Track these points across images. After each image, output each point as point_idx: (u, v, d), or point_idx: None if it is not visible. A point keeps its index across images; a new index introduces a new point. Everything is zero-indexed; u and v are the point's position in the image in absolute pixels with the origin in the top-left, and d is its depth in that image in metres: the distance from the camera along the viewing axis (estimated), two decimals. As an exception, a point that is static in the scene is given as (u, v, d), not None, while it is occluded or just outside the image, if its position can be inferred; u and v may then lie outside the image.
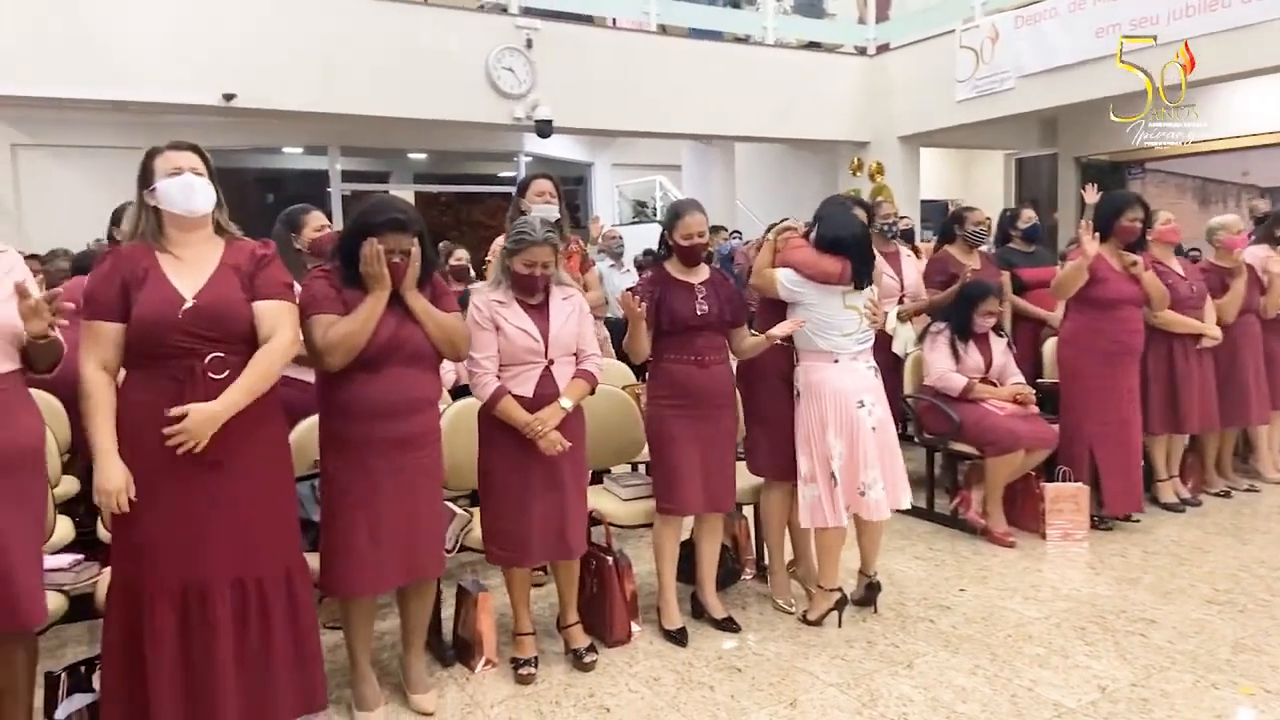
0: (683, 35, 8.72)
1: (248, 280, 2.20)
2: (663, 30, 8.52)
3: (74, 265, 4.73)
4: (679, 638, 3.04)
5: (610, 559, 3.04)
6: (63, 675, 2.31)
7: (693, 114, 8.55)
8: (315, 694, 2.32)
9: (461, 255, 5.31)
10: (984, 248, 4.86)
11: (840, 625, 3.15)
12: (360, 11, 6.88)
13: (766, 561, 3.49)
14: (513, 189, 3.57)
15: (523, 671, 2.80)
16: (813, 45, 9.58)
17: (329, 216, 8.53)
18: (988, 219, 4.90)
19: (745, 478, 3.33)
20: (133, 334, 2.11)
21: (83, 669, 2.35)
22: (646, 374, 3.15)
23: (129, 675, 2.13)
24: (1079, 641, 3.02)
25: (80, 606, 2.48)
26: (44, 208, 8.18)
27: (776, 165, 10.73)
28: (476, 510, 3.04)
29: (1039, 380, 4.64)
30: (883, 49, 9.55)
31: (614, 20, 8.59)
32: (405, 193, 11.66)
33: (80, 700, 2.26)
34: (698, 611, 3.22)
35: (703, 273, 3.09)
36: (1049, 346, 4.73)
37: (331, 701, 2.64)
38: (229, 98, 6.31)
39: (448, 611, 3.06)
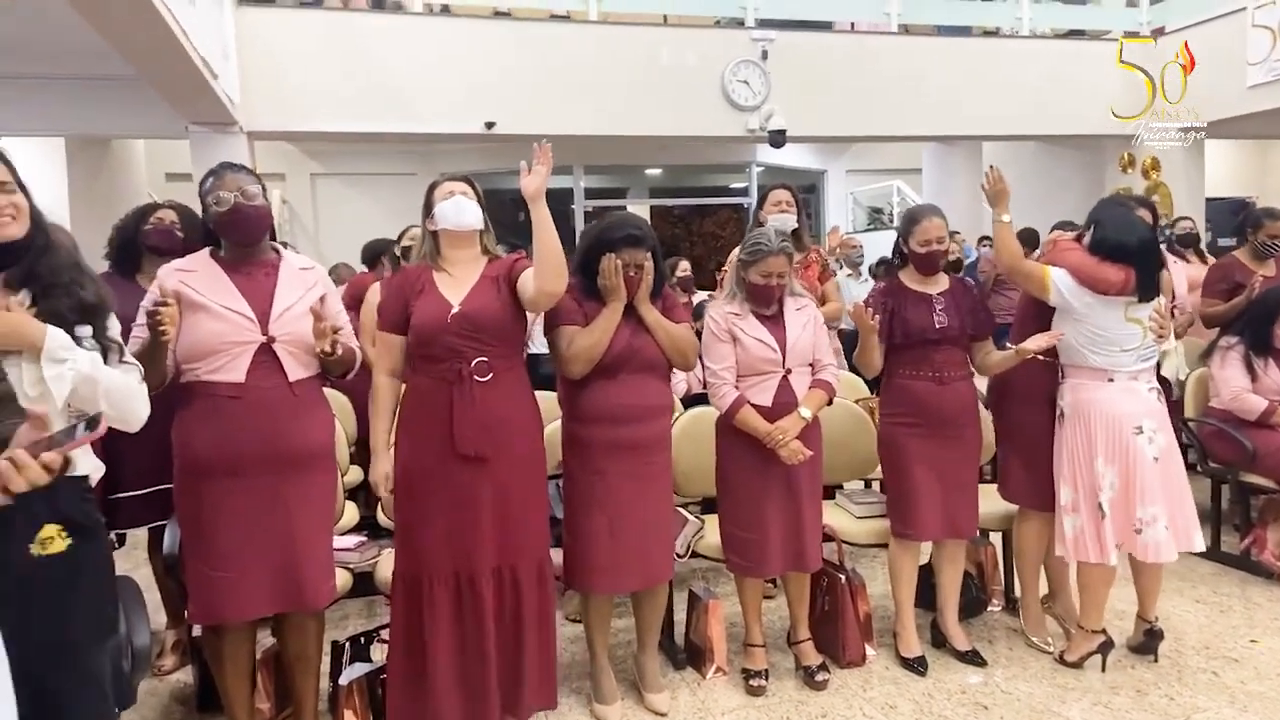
0: (928, 33, 8.34)
1: (506, 286, 2.39)
2: (905, 30, 8.21)
3: (366, 256, 5.22)
4: (918, 666, 2.90)
5: (843, 577, 2.96)
6: (346, 645, 2.60)
7: (934, 115, 8.14)
8: (548, 688, 2.48)
9: (685, 267, 5.41)
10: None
11: (1104, 670, 2.85)
12: (604, 37, 7.23)
13: (1018, 594, 3.23)
14: (743, 200, 3.58)
15: (754, 683, 2.80)
16: (1074, 33, 8.80)
17: (573, 232, 8.97)
18: None
19: (995, 503, 3.11)
20: (411, 339, 2.37)
21: (362, 639, 2.64)
22: (880, 388, 3.03)
23: (411, 653, 2.37)
24: None
25: (362, 583, 2.79)
26: (336, 228, 9.34)
27: (1030, 165, 9.94)
28: (708, 518, 3.09)
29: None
30: (1158, 32, 8.59)
31: (852, 24, 8.39)
32: (641, 207, 12.08)
33: (361, 669, 2.53)
34: (938, 641, 3.05)
35: (942, 282, 2.92)
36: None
37: (571, 693, 2.79)
38: (489, 125, 6.87)
39: (680, 615, 3.11)
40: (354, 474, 3.72)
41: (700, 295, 5.11)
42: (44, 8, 3.94)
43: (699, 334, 2.76)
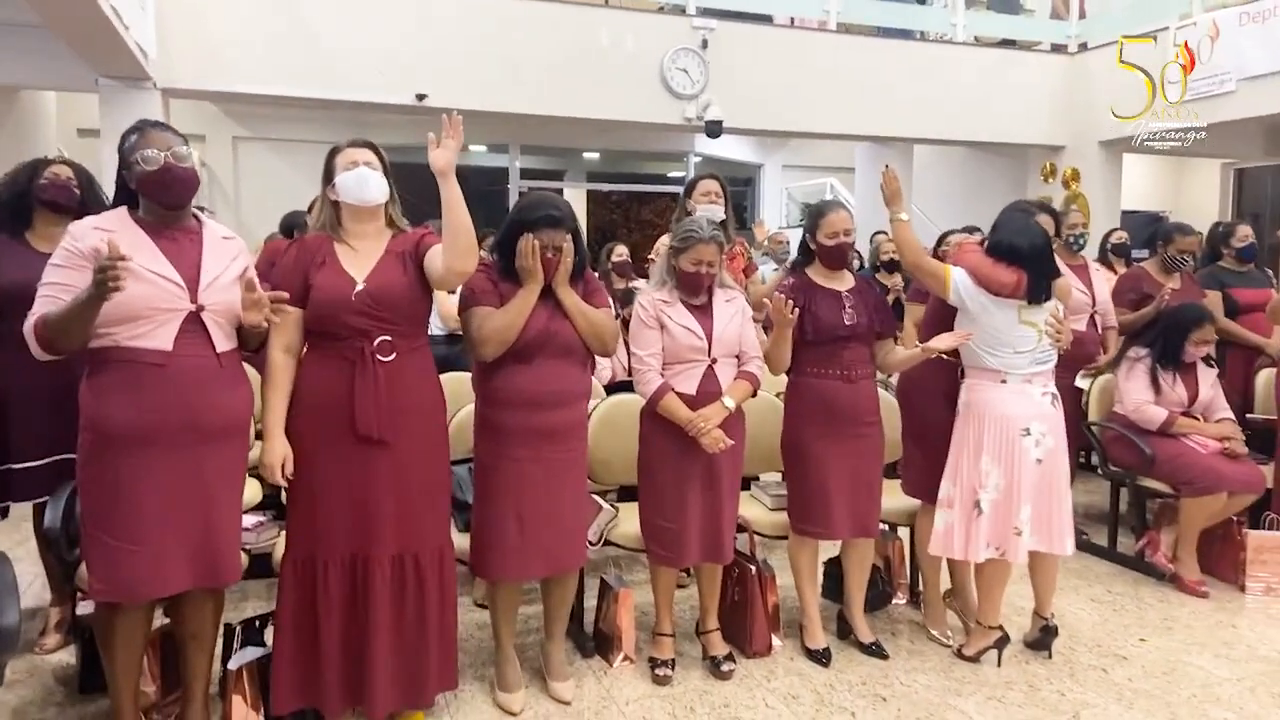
0: (867, 34, 8.44)
1: (413, 263, 2.32)
2: (844, 29, 8.28)
3: (282, 226, 5.07)
4: (821, 657, 2.94)
5: (754, 568, 2.98)
6: (239, 628, 2.51)
7: (870, 114, 8.25)
8: (449, 671, 2.44)
9: (622, 251, 5.37)
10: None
11: (999, 665, 2.94)
12: (543, 15, 7.10)
13: (921, 588, 3.31)
14: (681, 189, 3.57)
15: (660, 672, 2.80)
16: (1006, 43, 9.02)
17: (507, 212, 8.80)
18: (1197, 245, 4.41)
19: (903, 498, 3.17)
20: (310, 315, 2.28)
21: (256, 623, 2.55)
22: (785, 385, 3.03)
23: (299, 637, 2.30)
24: (1276, 709, 2.68)
25: (258, 564, 2.69)
26: (258, 195, 9.00)
27: (959, 169, 10.19)
28: (624, 506, 3.07)
29: (1249, 415, 4.15)
30: (1083, 47, 8.87)
31: (792, 19, 8.44)
32: (578, 191, 11.97)
33: (252, 653, 2.44)
34: (844, 632, 3.10)
35: (848, 280, 2.95)
36: (1264, 377, 4.22)
37: (474, 679, 2.75)
38: (421, 98, 6.69)
39: (590, 603, 3.10)
40: (256, 449, 3.59)
41: (639, 282, 5.08)
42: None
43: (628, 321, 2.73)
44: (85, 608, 2.51)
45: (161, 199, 2.15)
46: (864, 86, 8.06)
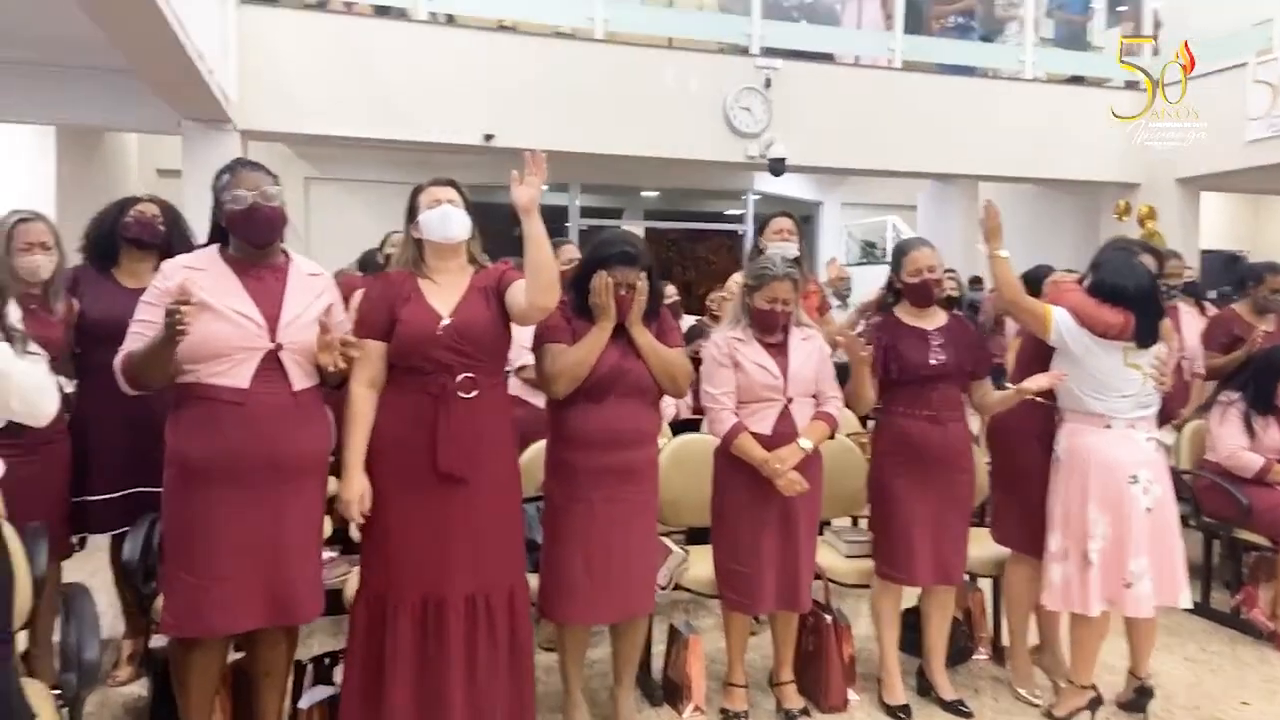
0: (931, 71, 8.38)
1: (495, 298, 2.31)
2: (908, 67, 8.24)
3: (360, 262, 5.15)
4: (901, 714, 2.81)
5: (829, 618, 2.87)
6: (309, 666, 2.49)
7: (933, 152, 8.15)
8: (526, 713, 2.36)
9: (672, 292, 5.33)
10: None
11: (1092, 727, 2.77)
12: (608, 55, 7.20)
13: (1005, 642, 3.15)
14: (738, 227, 3.52)
15: (732, 725, 2.70)
16: (1075, 80, 8.87)
17: (565, 249, 8.76)
18: None
19: (986, 547, 3.04)
20: (395, 350, 2.27)
21: (326, 660, 2.52)
22: (873, 425, 2.95)
23: (368, 677, 2.26)
24: None
25: (328, 600, 2.67)
26: (328, 234, 9.22)
27: (1026, 208, 9.97)
28: (693, 549, 3.00)
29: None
30: (1156, 84, 8.67)
31: (856, 57, 8.42)
32: (636, 228, 12.00)
33: (322, 692, 2.42)
34: (923, 689, 2.96)
35: (938, 318, 2.86)
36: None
37: (542, 725, 2.68)
38: (488, 138, 6.81)
39: (659, 648, 3.01)
40: (332, 485, 3.61)
41: (688, 320, 5.04)
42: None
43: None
44: (159, 641, 2.51)
45: (248, 237, 2.18)
46: (928, 124, 7.98)
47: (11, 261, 2.58)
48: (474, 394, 2.24)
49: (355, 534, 2.80)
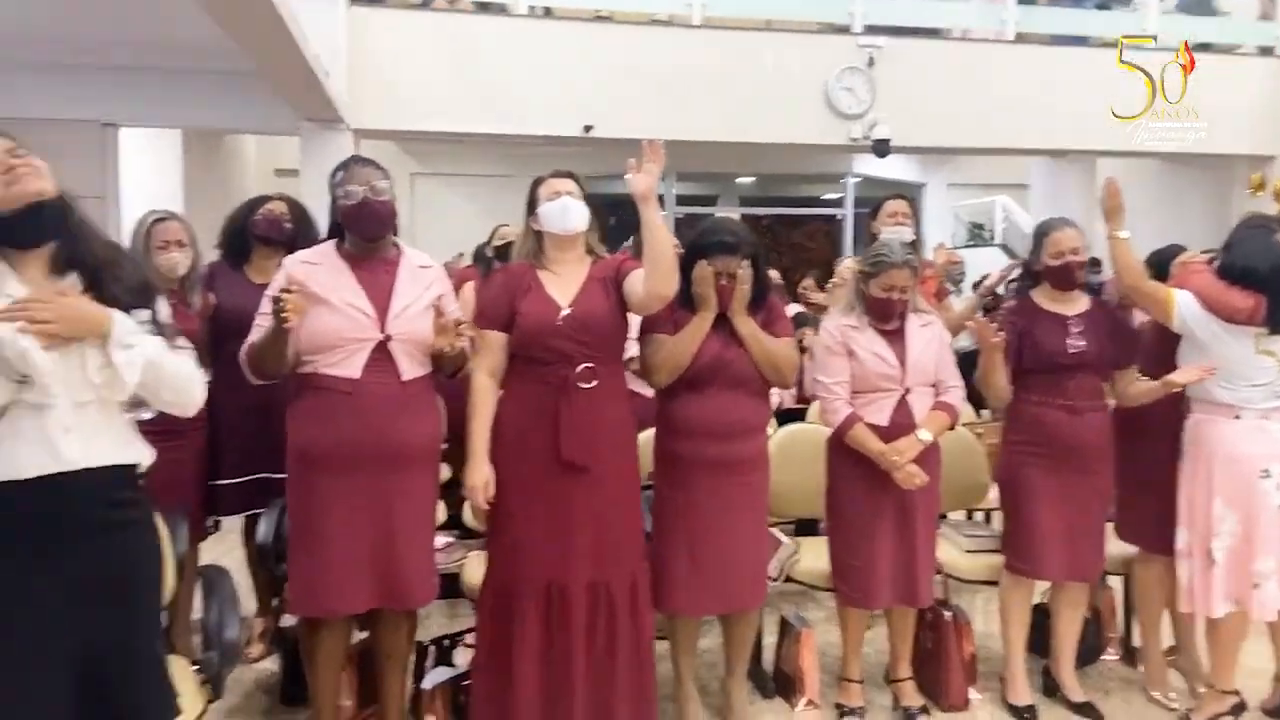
0: (1044, 43, 7.98)
1: (614, 288, 2.32)
2: (1020, 39, 7.87)
3: (475, 255, 5.26)
4: (1027, 715, 2.70)
5: (949, 614, 2.78)
6: (431, 647, 2.56)
7: (1047, 127, 7.76)
8: (648, 705, 2.37)
9: (774, 276, 5.23)
10: None
11: (1237, 736, 2.60)
12: (704, 40, 7.13)
13: (1137, 643, 2.99)
14: (837, 211, 3.42)
15: (848, 720, 2.65)
16: (1201, 47, 8.29)
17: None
18: None
19: (1115, 543, 2.88)
20: (516, 340, 2.30)
21: (446, 642, 2.59)
22: (1006, 414, 2.82)
23: (497, 661, 2.31)
24: None
25: (446, 584, 2.74)
26: (433, 228, 9.48)
27: (1151, 184, 9.41)
28: (804, 540, 2.95)
29: None
30: (1299, 45, 8.03)
31: (964, 31, 8.09)
32: (731, 215, 11.92)
33: (444, 673, 2.49)
34: (1050, 689, 2.84)
35: (1080, 303, 2.71)
36: None
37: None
38: (588, 129, 6.85)
39: (770, 639, 2.98)
40: (443, 472, 3.70)
41: (791, 308, 4.95)
42: (170, 1, 4.06)
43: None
44: (290, 620, 2.63)
45: (359, 231, 2.25)
46: (1042, 98, 7.60)
47: (150, 259, 2.72)
48: (593, 384, 2.26)
49: (470, 519, 2.89)
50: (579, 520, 2.26)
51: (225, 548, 3.49)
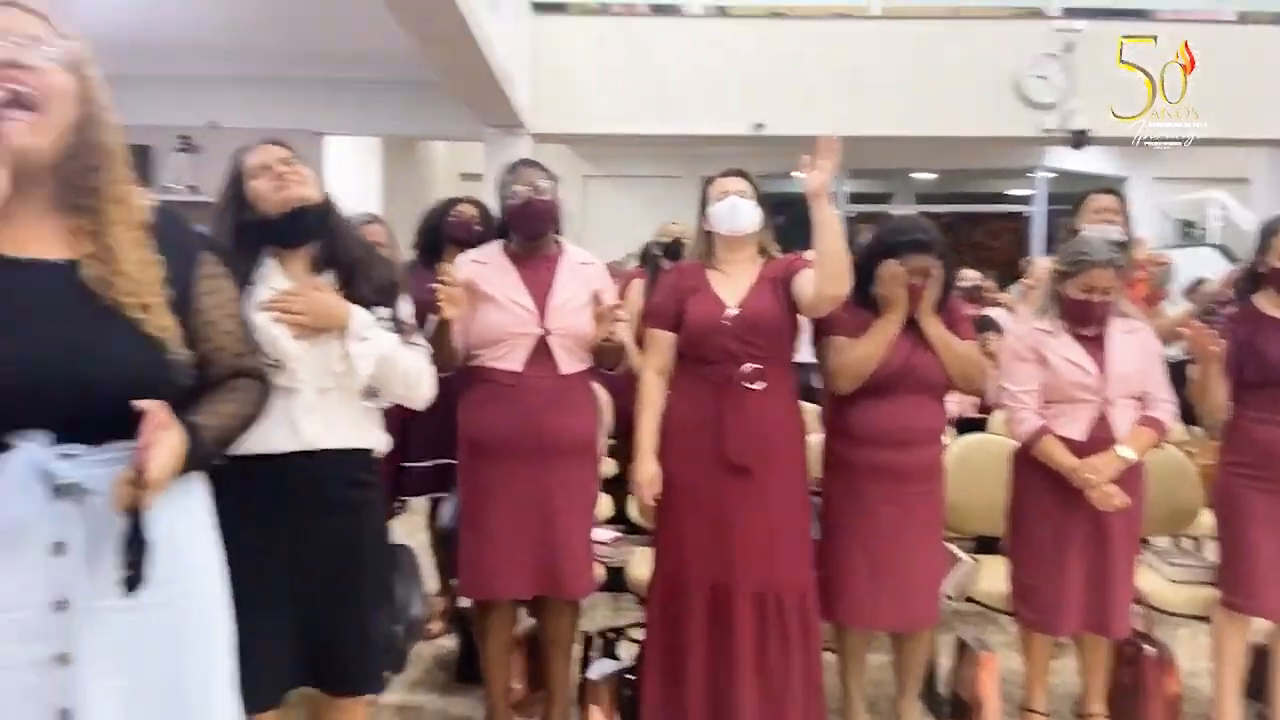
0: (1266, 22, 7.16)
1: (784, 289, 2.28)
2: (1241, 19, 7.09)
3: (642, 254, 5.36)
4: (1239, 766, 2.42)
5: (1150, 649, 2.53)
6: (597, 638, 2.61)
7: (1274, 115, 6.96)
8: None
9: (972, 276, 4.97)
10: None
11: None
12: (883, 32, 6.90)
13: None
14: (1025, 208, 3.18)
15: (1031, 755, 2.47)
16: None
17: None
18: None
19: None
20: (682, 339, 2.32)
21: (612, 635, 2.63)
22: (1197, 426, 2.54)
23: (667, 656, 2.32)
24: None
25: (613, 577, 2.79)
26: (603, 230, 9.71)
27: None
28: (983, 558, 2.78)
29: None
30: None
31: (1176, 12, 7.38)
32: (908, 213, 11.45)
33: (609, 666, 2.53)
34: (1268, 739, 2.53)
35: None
36: None
37: (821, 727, 2.62)
38: (759, 126, 6.80)
39: (945, 661, 2.83)
40: (609, 466, 3.78)
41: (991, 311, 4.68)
42: (370, 17, 4.38)
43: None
44: (465, 601, 2.76)
45: (522, 229, 2.34)
46: (1268, 82, 6.82)
47: None
48: (760, 385, 2.23)
49: (635, 515, 2.93)
50: (742, 523, 2.24)
51: (409, 528, 3.72)
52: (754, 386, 2.22)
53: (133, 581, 1.07)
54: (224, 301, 1.28)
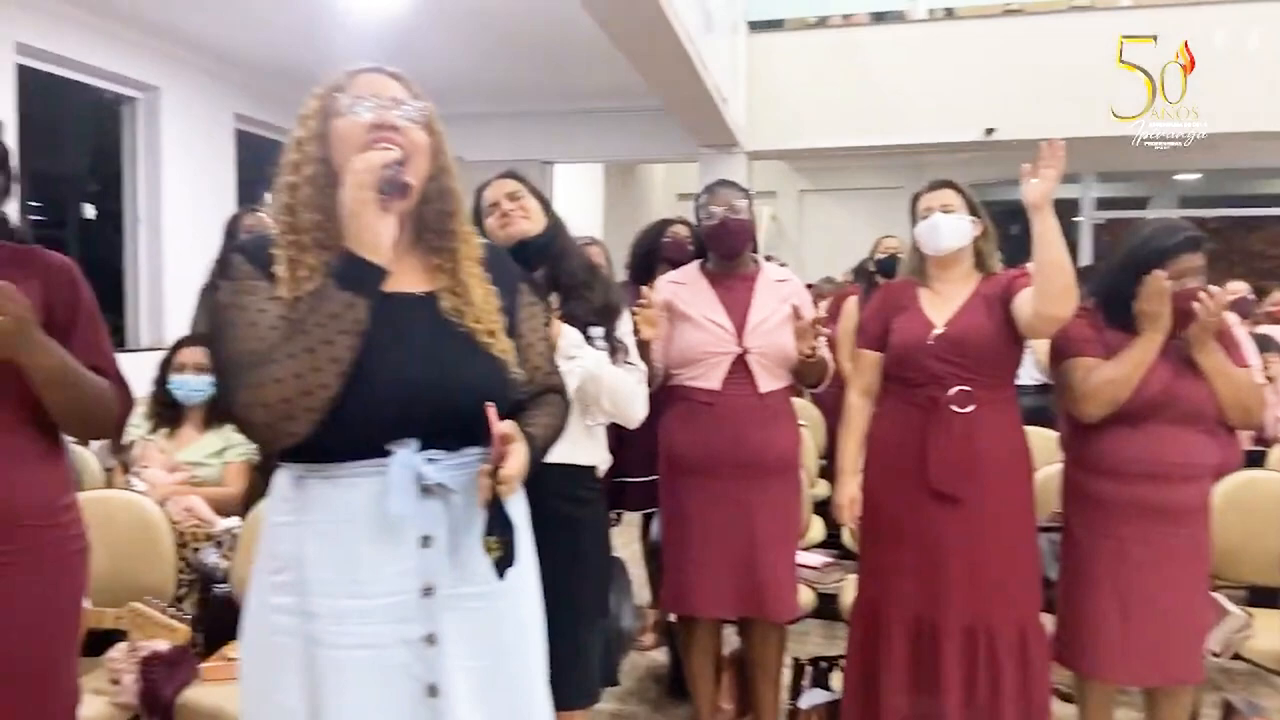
0: None
1: (1000, 306, 2.13)
2: None
3: (857, 270, 5.24)
4: None
5: None
6: (807, 665, 2.55)
7: None
8: None
9: (1241, 289, 4.38)
10: None
11: None
12: (1130, 24, 6.27)
13: None
14: None
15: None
16: None
17: (1075, 246, 7.97)
18: None
19: None
20: (888, 359, 2.24)
21: (824, 663, 2.56)
22: None
23: (867, 686, 2.24)
24: None
25: (824, 603, 2.72)
26: (821, 244, 9.57)
27: None
28: (1257, 612, 2.44)
29: None
30: None
31: None
32: (1167, 217, 10.30)
33: (820, 696, 2.46)
34: None
35: None
36: None
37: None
38: (989, 132, 6.41)
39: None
40: (822, 488, 3.70)
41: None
42: (594, 53, 4.60)
43: None
44: (674, 615, 2.79)
45: (718, 249, 2.36)
46: None
47: None
48: (970, 408, 2.10)
49: (848, 540, 2.84)
50: (951, 555, 2.10)
51: (622, 539, 3.84)
52: (961, 410, 2.09)
53: (504, 562, 1.19)
54: (538, 326, 1.41)
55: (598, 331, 1.85)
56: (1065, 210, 9.54)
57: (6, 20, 4.23)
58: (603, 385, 1.81)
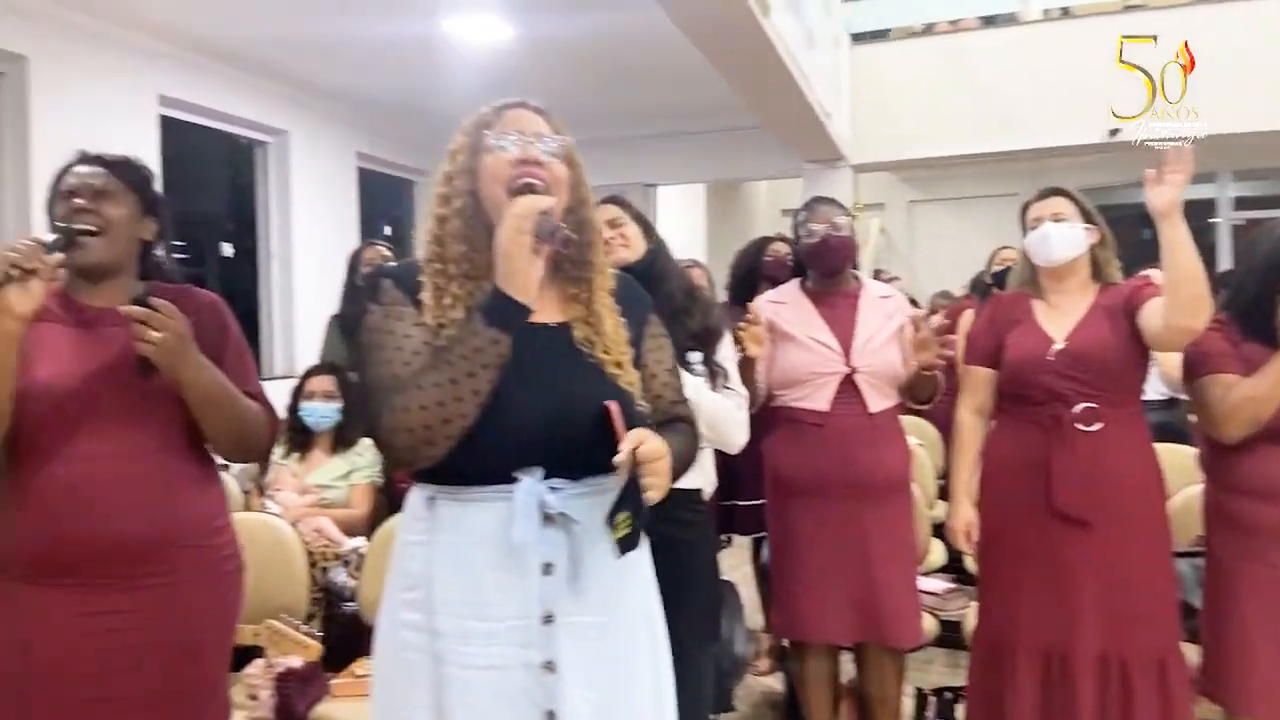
0: None
1: (1125, 318, 2.03)
2: None
3: (972, 283, 5.11)
4: None
5: None
6: (930, 696, 2.46)
7: None
8: None
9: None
10: None
11: None
12: (1263, 14, 5.85)
13: None
14: None
15: None
16: None
17: (1212, 250, 7.49)
18: None
19: None
20: (1004, 376, 2.16)
21: (948, 694, 2.47)
22: None
23: (990, 719, 2.14)
24: None
25: (948, 632, 2.61)
26: (933, 256, 9.27)
27: None
28: None
29: None
30: None
31: None
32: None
33: (945, 729, 2.37)
34: None
35: None
36: None
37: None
38: (1114, 133, 6.08)
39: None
40: (941, 509, 3.57)
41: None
42: (693, 74, 4.63)
43: None
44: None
45: (818, 267, 2.33)
46: None
47: None
48: (1097, 426, 1.99)
49: (971, 565, 2.72)
50: (1080, 581, 2.00)
51: (734, 562, 3.80)
52: (1088, 429, 1.98)
53: (629, 543, 1.20)
54: (665, 357, 1.42)
55: (696, 357, 1.84)
56: (1201, 211, 8.95)
57: (151, 74, 4.59)
58: (701, 411, 1.79)
